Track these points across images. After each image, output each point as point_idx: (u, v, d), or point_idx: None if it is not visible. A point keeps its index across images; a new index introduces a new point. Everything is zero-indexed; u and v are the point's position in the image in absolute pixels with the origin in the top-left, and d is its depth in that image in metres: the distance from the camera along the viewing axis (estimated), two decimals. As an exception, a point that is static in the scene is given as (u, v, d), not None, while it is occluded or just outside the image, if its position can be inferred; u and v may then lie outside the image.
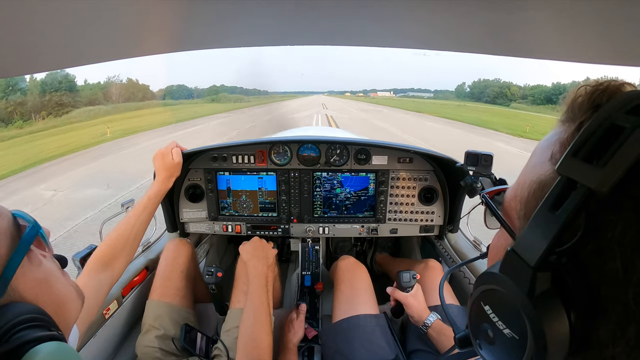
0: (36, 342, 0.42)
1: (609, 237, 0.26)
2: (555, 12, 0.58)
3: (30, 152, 12.57)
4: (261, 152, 1.80)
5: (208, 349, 1.41)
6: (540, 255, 0.28)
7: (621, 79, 0.32)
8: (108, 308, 1.39)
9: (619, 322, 0.25)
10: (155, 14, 0.64)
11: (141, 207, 1.32)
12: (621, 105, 0.27)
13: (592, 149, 0.27)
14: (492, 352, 0.34)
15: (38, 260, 0.52)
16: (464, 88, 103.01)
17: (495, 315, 0.33)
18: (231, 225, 1.90)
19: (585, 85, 0.33)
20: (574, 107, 0.33)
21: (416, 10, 0.66)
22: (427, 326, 1.32)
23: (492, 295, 0.33)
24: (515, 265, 0.30)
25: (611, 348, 0.26)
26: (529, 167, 0.36)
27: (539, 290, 0.28)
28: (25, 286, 0.48)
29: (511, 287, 0.31)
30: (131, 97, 43.43)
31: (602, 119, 0.28)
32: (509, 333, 0.31)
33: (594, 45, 0.75)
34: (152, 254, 1.78)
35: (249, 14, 0.69)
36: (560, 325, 0.27)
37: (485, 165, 1.33)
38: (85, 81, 41.01)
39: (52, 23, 0.53)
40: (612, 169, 0.25)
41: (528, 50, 0.88)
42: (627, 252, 0.25)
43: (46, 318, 0.48)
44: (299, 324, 1.49)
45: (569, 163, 0.28)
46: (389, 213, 1.88)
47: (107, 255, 1.16)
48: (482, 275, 0.35)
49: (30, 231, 0.51)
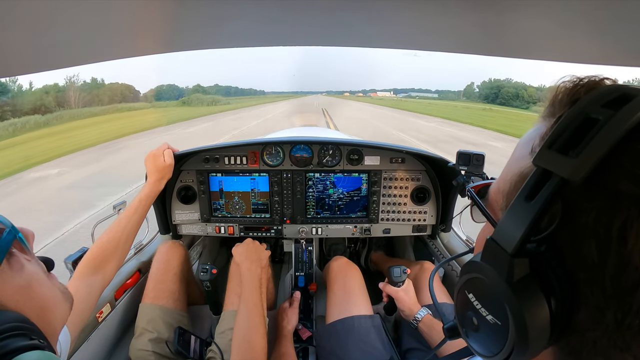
0: (17, 352, 0.41)
1: (583, 224, 0.27)
2: (545, 13, 0.59)
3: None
4: (253, 153, 1.79)
5: (202, 351, 1.40)
6: (517, 243, 0.29)
7: (602, 75, 0.33)
8: (101, 311, 1.37)
9: (598, 306, 0.26)
10: (149, 15, 0.64)
11: (132, 209, 1.31)
12: (597, 99, 0.28)
13: (567, 140, 0.28)
14: (477, 339, 0.36)
15: (19, 265, 0.51)
16: (472, 88, 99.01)
17: (478, 303, 0.34)
18: (224, 226, 1.89)
19: (566, 81, 0.34)
20: (555, 102, 0.34)
21: (407, 11, 0.66)
22: (418, 320, 1.34)
23: (475, 283, 0.35)
24: (494, 253, 0.31)
25: (592, 332, 0.27)
26: (512, 161, 0.37)
27: (517, 276, 0.29)
28: (5, 293, 0.47)
29: (491, 274, 0.32)
30: (94, 100, 38.41)
31: (577, 112, 0.29)
32: (491, 319, 0.32)
33: (584, 46, 0.76)
34: (144, 256, 1.76)
35: (244, 15, 0.69)
36: (540, 310, 0.28)
37: (477, 165, 1.35)
38: (31, 84, 34.53)
39: (47, 24, 0.52)
40: (585, 159, 0.26)
41: (520, 51, 0.89)
42: (601, 237, 0.26)
43: (28, 326, 0.46)
44: (292, 311, 1.53)
45: (544, 154, 0.29)
46: (381, 213, 1.89)
47: (98, 258, 1.15)
48: (465, 265, 0.36)
49: (7, 236, 0.49)
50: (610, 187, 0.26)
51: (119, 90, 48.14)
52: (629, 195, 0.25)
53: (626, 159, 0.25)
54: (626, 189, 0.25)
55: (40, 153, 12.72)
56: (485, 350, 0.34)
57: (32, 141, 16.73)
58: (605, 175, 0.26)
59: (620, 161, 0.26)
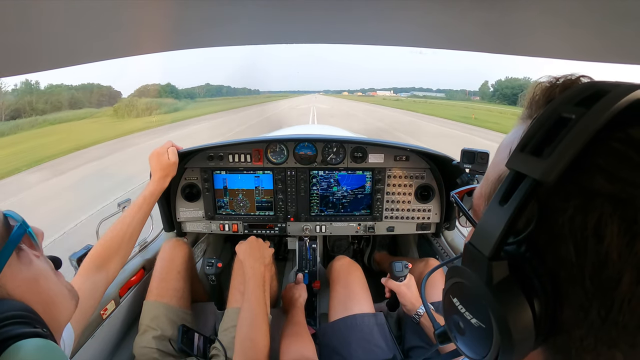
0: (20, 337, 0.42)
1: (560, 224, 0.27)
2: (548, 10, 0.58)
3: None
4: (257, 151, 1.79)
5: (206, 348, 1.41)
6: (493, 246, 0.29)
7: (579, 73, 0.32)
8: (105, 308, 1.38)
9: (581, 304, 0.26)
10: (149, 13, 0.64)
11: (137, 207, 1.32)
12: (570, 97, 0.28)
13: (540, 141, 0.28)
14: (464, 342, 0.36)
15: (28, 260, 0.53)
16: (487, 88, 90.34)
17: (462, 307, 0.34)
18: (228, 224, 1.89)
19: (544, 82, 0.34)
20: (532, 103, 0.34)
21: (411, 9, 0.66)
22: (420, 315, 1.34)
23: (459, 287, 0.35)
24: (473, 257, 0.31)
25: (578, 330, 0.27)
26: (493, 165, 0.38)
27: (497, 279, 0.29)
28: (13, 284, 0.49)
29: (472, 278, 0.32)
30: (25, 109, 27.35)
31: (550, 112, 0.29)
32: (476, 322, 0.32)
33: (588, 43, 0.75)
34: (148, 253, 1.77)
35: (244, 13, 0.69)
36: (522, 312, 0.28)
37: (481, 163, 1.34)
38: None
39: (46, 22, 0.52)
40: (556, 159, 0.26)
41: (525, 49, 0.88)
42: (578, 235, 0.25)
43: (33, 316, 0.48)
44: (301, 286, 1.63)
45: (517, 157, 0.29)
46: (385, 211, 1.88)
47: (101, 255, 1.16)
48: (449, 269, 0.37)
49: (18, 230, 0.51)
50: (584, 186, 0.25)
51: (67, 95, 35.80)
52: (603, 193, 0.25)
53: (599, 157, 0.25)
54: (599, 186, 0.25)
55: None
56: (474, 354, 0.34)
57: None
58: (578, 174, 0.26)
59: (593, 159, 0.25)
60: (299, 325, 1.36)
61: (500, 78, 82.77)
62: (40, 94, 34.02)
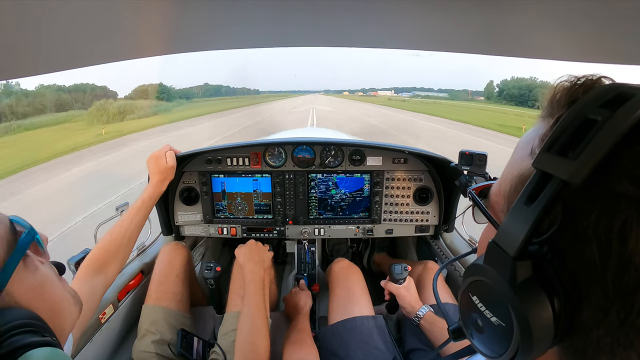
0: (29, 347, 0.42)
1: (584, 226, 0.27)
2: (545, 13, 0.59)
3: None
4: (256, 154, 1.79)
5: (205, 352, 1.40)
6: (518, 246, 0.29)
7: (600, 74, 0.33)
8: (104, 312, 1.37)
9: (601, 306, 0.26)
10: (151, 17, 0.64)
11: (135, 210, 1.31)
12: (595, 99, 0.28)
13: (566, 142, 0.28)
14: (482, 340, 0.36)
15: (34, 266, 0.52)
16: (492, 87, 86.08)
17: (482, 305, 0.34)
18: (226, 227, 1.89)
19: (565, 81, 0.34)
20: (553, 102, 0.34)
21: (409, 12, 0.66)
22: (420, 317, 1.34)
23: (479, 286, 0.35)
24: (497, 256, 0.32)
25: (595, 331, 0.27)
26: (512, 163, 0.38)
27: (520, 278, 0.30)
28: (20, 291, 0.48)
29: (495, 277, 0.32)
30: None
31: (576, 113, 0.29)
32: (496, 321, 0.32)
33: (586, 45, 0.76)
34: (147, 257, 1.76)
35: (244, 17, 0.69)
36: (543, 311, 0.28)
37: (479, 165, 1.34)
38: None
39: (48, 25, 0.52)
40: (584, 161, 0.26)
41: (523, 50, 0.89)
42: (602, 238, 0.26)
43: (41, 324, 0.47)
44: (306, 293, 1.62)
45: (544, 157, 0.29)
46: (384, 213, 1.88)
47: (100, 259, 1.15)
48: (469, 268, 0.37)
49: (26, 237, 0.51)
50: (610, 189, 0.26)
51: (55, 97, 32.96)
52: (629, 196, 0.25)
53: (625, 160, 0.25)
54: (626, 190, 0.25)
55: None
56: (491, 351, 0.35)
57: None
58: (604, 176, 0.26)
59: (620, 162, 0.26)
60: (303, 333, 1.36)
61: (506, 78, 79.98)
62: (22, 95, 30.09)
